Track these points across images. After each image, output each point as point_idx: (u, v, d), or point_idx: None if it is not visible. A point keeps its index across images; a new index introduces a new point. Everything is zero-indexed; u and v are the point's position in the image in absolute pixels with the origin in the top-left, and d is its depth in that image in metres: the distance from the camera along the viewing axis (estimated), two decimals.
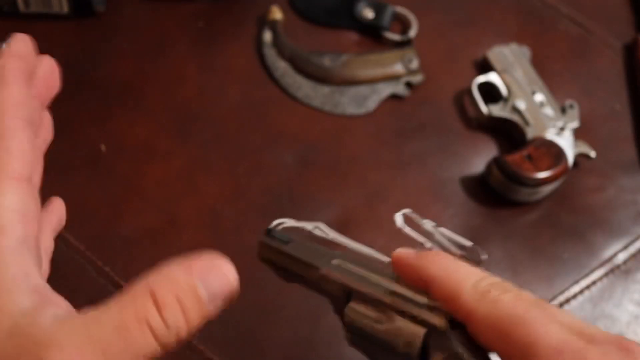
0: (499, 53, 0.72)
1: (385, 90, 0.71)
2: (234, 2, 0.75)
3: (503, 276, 0.38)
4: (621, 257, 0.65)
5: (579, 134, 0.69)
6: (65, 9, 0.71)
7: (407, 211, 0.41)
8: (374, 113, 0.70)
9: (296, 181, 0.66)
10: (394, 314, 0.39)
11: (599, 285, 0.63)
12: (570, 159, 0.66)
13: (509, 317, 0.33)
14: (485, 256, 0.41)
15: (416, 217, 0.42)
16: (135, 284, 0.32)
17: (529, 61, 0.72)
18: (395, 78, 0.72)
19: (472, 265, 0.39)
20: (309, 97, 0.71)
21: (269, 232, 0.44)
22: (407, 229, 0.41)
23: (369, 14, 0.75)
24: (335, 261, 0.42)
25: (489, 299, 0.34)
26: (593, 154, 0.68)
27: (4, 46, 0.39)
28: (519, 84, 0.70)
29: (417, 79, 0.72)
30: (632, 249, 0.65)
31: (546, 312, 0.33)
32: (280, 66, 0.72)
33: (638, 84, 0.74)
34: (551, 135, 0.67)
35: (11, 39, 0.41)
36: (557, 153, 0.66)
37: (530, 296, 0.35)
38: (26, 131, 0.38)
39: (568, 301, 0.62)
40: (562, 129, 0.68)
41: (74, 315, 0.32)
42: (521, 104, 0.69)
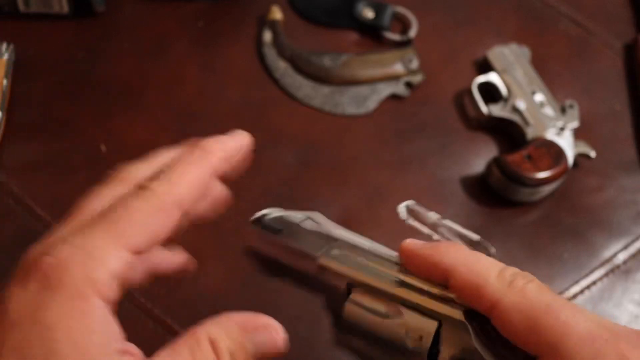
0: (499, 53, 0.72)
1: (385, 90, 0.71)
2: (234, 2, 0.75)
3: None
4: (621, 257, 0.65)
5: (579, 134, 0.69)
6: (65, 9, 0.71)
7: (411, 203, 0.41)
8: (374, 113, 0.70)
9: (296, 181, 0.66)
10: (402, 307, 0.38)
11: (599, 285, 0.63)
12: (570, 159, 0.66)
13: (538, 305, 0.34)
14: (493, 249, 0.41)
15: (420, 208, 0.41)
16: (197, 331, 0.35)
17: (529, 61, 0.72)
18: (395, 78, 0.72)
19: None
20: (309, 97, 0.71)
21: (257, 221, 0.42)
22: (411, 221, 0.40)
23: (369, 14, 0.75)
24: (335, 251, 0.40)
25: (516, 287, 0.35)
26: (593, 154, 0.68)
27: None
28: (519, 84, 0.70)
29: (417, 79, 0.72)
30: (632, 249, 0.65)
31: (571, 303, 0.34)
32: (280, 66, 0.72)
33: (638, 84, 0.74)
34: (551, 135, 0.67)
35: (236, 136, 0.41)
36: (557, 153, 0.66)
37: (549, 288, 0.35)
38: (173, 216, 0.38)
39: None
40: (562, 129, 0.68)
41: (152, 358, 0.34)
42: (521, 104, 0.69)
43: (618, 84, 0.74)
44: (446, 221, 0.40)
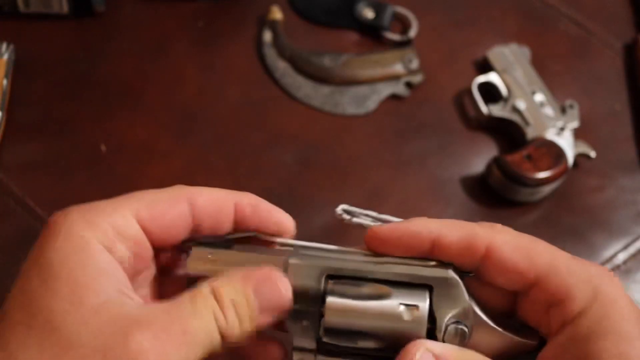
0: (499, 53, 0.72)
1: (385, 90, 0.71)
2: (234, 2, 0.75)
3: None
4: (621, 257, 0.65)
5: (579, 134, 0.69)
6: (65, 9, 0.71)
7: (344, 206, 0.41)
8: (374, 113, 0.70)
9: (296, 181, 0.66)
10: (387, 285, 0.37)
11: None
12: (570, 159, 0.66)
13: (524, 238, 0.37)
14: None
15: (355, 209, 0.41)
16: (201, 284, 0.36)
17: (529, 61, 0.72)
18: (395, 78, 0.72)
19: None
20: (309, 97, 0.71)
21: (195, 243, 0.39)
22: (354, 220, 0.41)
23: (369, 14, 0.75)
24: (304, 252, 0.39)
25: (499, 230, 0.38)
26: (593, 154, 0.68)
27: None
28: (519, 84, 0.70)
29: (417, 79, 0.72)
30: (632, 249, 0.65)
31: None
32: (280, 66, 0.72)
33: (638, 84, 0.74)
34: (551, 135, 0.67)
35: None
36: (557, 153, 0.66)
37: None
38: (181, 204, 0.39)
39: None
40: (562, 129, 0.68)
41: (153, 304, 0.36)
42: (521, 104, 0.69)
43: (618, 84, 0.74)
44: (383, 215, 0.41)
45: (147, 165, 0.65)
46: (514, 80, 0.71)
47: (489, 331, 0.38)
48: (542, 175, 0.65)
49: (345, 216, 0.41)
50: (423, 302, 0.37)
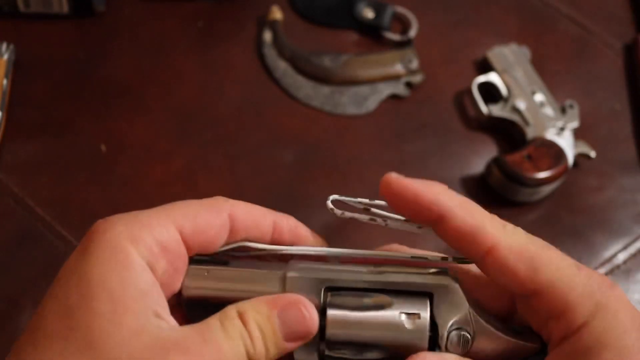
0: (499, 53, 0.72)
1: (385, 90, 0.71)
2: (234, 2, 0.75)
3: None
4: (621, 257, 0.65)
5: (579, 134, 0.69)
6: (65, 9, 0.71)
7: (334, 197, 0.41)
8: (374, 113, 0.70)
9: (296, 181, 0.66)
10: (387, 295, 0.37)
11: None
12: (570, 159, 0.66)
13: (533, 247, 0.36)
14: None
15: (346, 198, 0.41)
16: (226, 308, 0.36)
17: (529, 61, 0.72)
18: (395, 78, 0.72)
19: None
20: (309, 97, 0.71)
21: (190, 261, 0.38)
22: (346, 213, 0.40)
23: (369, 14, 0.75)
24: (301, 264, 0.38)
25: (510, 231, 0.37)
26: (593, 153, 0.68)
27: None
28: (519, 84, 0.70)
29: (417, 79, 0.72)
30: (632, 249, 0.65)
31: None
32: (281, 66, 0.72)
33: (638, 84, 0.74)
34: (551, 135, 0.67)
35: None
36: (557, 153, 0.66)
37: None
38: (222, 219, 0.39)
39: None
40: (562, 129, 0.68)
41: (186, 327, 0.35)
42: (521, 104, 0.69)
43: (618, 84, 0.74)
44: (376, 201, 0.40)
45: (147, 165, 0.65)
46: (514, 80, 0.71)
47: (491, 336, 0.37)
48: (542, 175, 0.65)
49: (337, 211, 0.40)
50: (424, 310, 0.37)
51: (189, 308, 0.39)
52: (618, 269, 0.64)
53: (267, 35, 0.73)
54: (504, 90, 0.70)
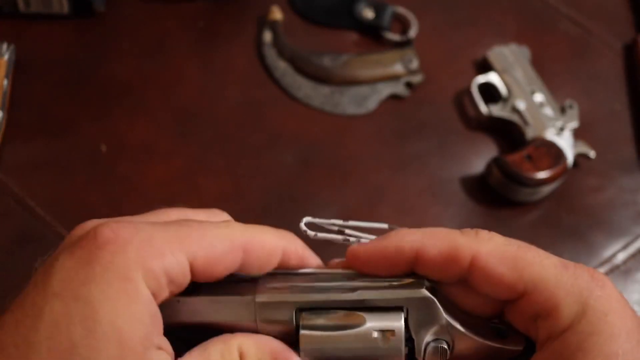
0: (499, 53, 0.72)
1: (385, 90, 0.71)
2: (234, 2, 0.75)
3: None
4: (621, 257, 0.65)
5: (578, 134, 0.69)
6: (65, 9, 0.71)
7: (308, 219, 0.40)
8: (374, 113, 0.70)
9: (296, 181, 0.66)
10: (361, 312, 0.36)
11: None
12: (570, 159, 0.66)
13: (511, 248, 0.36)
14: None
15: (320, 220, 0.40)
16: (229, 338, 0.35)
17: (528, 61, 0.72)
18: (395, 78, 0.72)
19: None
20: (309, 97, 0.71)
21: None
22: (320, 235, 0.39)
23: (369, 14, 0.75)
24: (271, 284, 0.37)
25: (484, 238, 0.36)
26: (593, 154, 0.68)
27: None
28: (518, 84, 0.70)
29: (417, 79, 0.72)
30: (631, 249, 0.65)
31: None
32: (280, 66, 0.72)
33: (638, 84, 0.74)
34: (551, 135, 0.67)
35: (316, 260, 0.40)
36: (556, 153, 0.66)
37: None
38: (235, 253, 0.37)
39: None
40: (561, 129, 0.68)
41: (186, 358, 0.34)
42: (521, 104, 0.69)
43: (618, 84, 0.74)
44: (350, 222, 0.40)
45: (147, 165, 0.65)
46: (514, 80, 0.71)
47: (471, 343, 0.37)
48: (542, 175, 0.65)
49: (310, 233, 0.40)
50: (398, 325, 0.36)
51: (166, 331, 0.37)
52: (617, 269, 0.64)
53: (267, 36, 0.73)
54: (503, 90, 0.70)
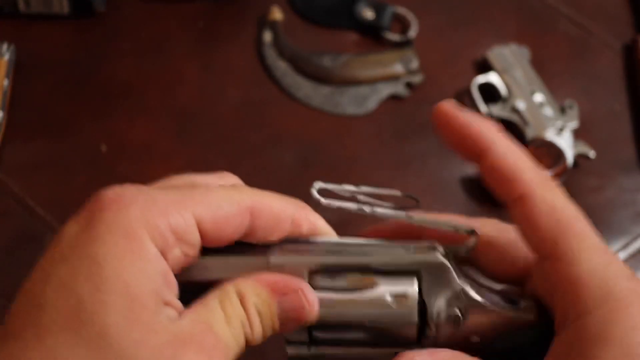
0: (498, 53, 0.72)
1: (385, 90, 0.71)
2: (234, 2, 0.75)
3: None
4: (621, 256, 0.65)
5: (578, 134, 0.69)
6: (65, 9, 0.71)
7: (320, 184, 0.39)
8: (374, 113, 0.70)
9: (296, 181, 0.66)
10: (374, 275, 0.36)
11: None
12: (570, 159, 0.66)
13: (567, 209, 0.35)
14: (419, 199, 0.40)
15: (332, 186, 0.40)
16: (227, 285, 0.35)
17: (528, 61, 0.72)
18: (395, 78, 0.72)
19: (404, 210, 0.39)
20: (309, 97, 0.71)
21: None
22: (332, 202, 0.38)
23: (369, 14, 0.75)
24: (274, 259, 0.37)
25: (550, 185, 0.35)
26: (592, 154, 0.68)
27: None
28: (518, 84, 0.70)
29: (417, 79, 0.72)
30: (631, 249, 0.65)
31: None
32: (280, 66, 0.72)
33: (638, 84, 0.74)
34: (551, 135, 0.67)
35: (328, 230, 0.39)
36: (556, 153, 0.66)
37: None
38: (243, 216, 0.36)
39: None
40: (561, 129, 0.68)
41: (189, 312, 0.34)
42: (521, 104, 0.69)
43: (618, 84, 0.74)
44: (362, 188, 0.40)
45: (148, 165, 0.65)
46: (514, 80, 0.71)
47: (485, 311, 0.36)
48: None
49: (323, 201, 0.39)
50: (411, 289, 0.36)
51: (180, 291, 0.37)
52: None
53: (267, 36, 0.73)
54: (503, 90, 0.70)
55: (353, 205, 0.39)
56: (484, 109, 0.69)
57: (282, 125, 0.69)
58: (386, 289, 0.36)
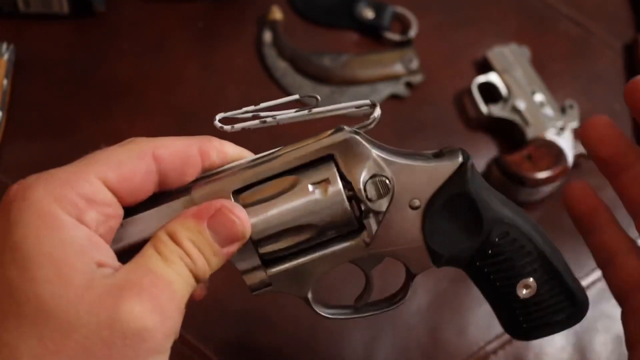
0: (499, 53, 0.72)
1: (385, 90, 0.71)
2: (234, 2, 0.75)
3: None
4: None
5: (579, 134, 0.68)
6: (65, 9, 0.71)
7: (220, 115, 0.40)
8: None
9: None
10: (294, 175, 0.37)
11: (598, 285, 0.63)
12: (570, 159, 0.66)
13: None
14: (319, 97, 0.41)
15: (233, 112, 0.40)
16: (157, 233, 0.36)
17: (528, 61, 0.72)
18: (395, 78, 0.72)
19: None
20: None
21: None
22: (236, 125, 0.40)
23: (369, 14, 0.75)
24: (197, 193, 0.37)
25: None
26: None
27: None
28: (518, 84, 0.70)
29: (417, 79, 0.72)
30: None
31: None
32: (280, 66, 0.72)
33: None
34: (551, 135, 0.67)
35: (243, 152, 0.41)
36: (557, 153, 0.66)
37: None
38: (146, 161, 0.38)
39: None
40: (562, 129, 0.68)
41: (127, 266, 0.35)
42: (521, 104, 0.69)
43: (618, 84, 0.74)
44: (261, 104, 0.40)
45: None
46: (514, 80, 0.71)
47: (409, 169, 0.37)
48: (542, 175, 0.65)
49: (226, 127, 0.40)
50: (331, 172, 0.37)
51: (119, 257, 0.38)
52: None
53: (267, 36, 0.73)
54: (503, 90, 0.70)
55: (256, 122, 0.40)
56: (484, 108, 0.69)
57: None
58: (308, 180, 0.37)
